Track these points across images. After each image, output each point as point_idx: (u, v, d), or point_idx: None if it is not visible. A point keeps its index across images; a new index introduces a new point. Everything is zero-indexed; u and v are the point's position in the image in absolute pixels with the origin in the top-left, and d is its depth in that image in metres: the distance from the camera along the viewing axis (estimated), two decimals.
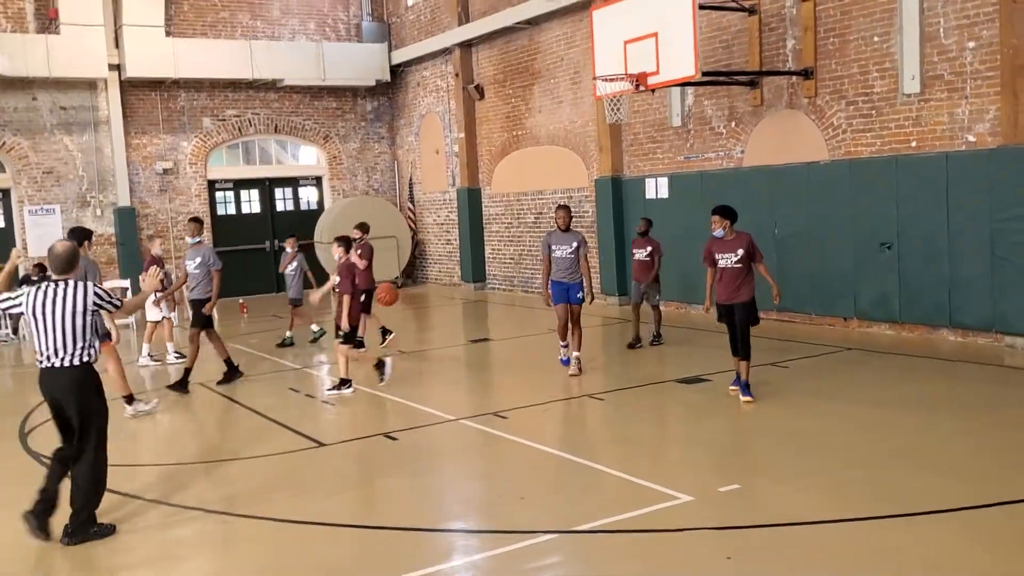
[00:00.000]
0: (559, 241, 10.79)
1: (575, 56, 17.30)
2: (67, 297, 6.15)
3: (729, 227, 9.23)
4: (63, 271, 6.28)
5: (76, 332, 6.14)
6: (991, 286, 10.99)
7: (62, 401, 6.19)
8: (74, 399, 6.15)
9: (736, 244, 9.13)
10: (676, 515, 6.16)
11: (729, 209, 9.32)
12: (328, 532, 6.24)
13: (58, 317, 6.11)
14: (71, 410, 6.17)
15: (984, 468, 6.77)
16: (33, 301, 6.18)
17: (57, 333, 6.12)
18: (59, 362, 6.15)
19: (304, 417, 9.76)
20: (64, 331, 6.12)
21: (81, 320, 6.16)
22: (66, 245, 6.45)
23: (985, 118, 11.00)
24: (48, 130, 19.89)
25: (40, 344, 6.19)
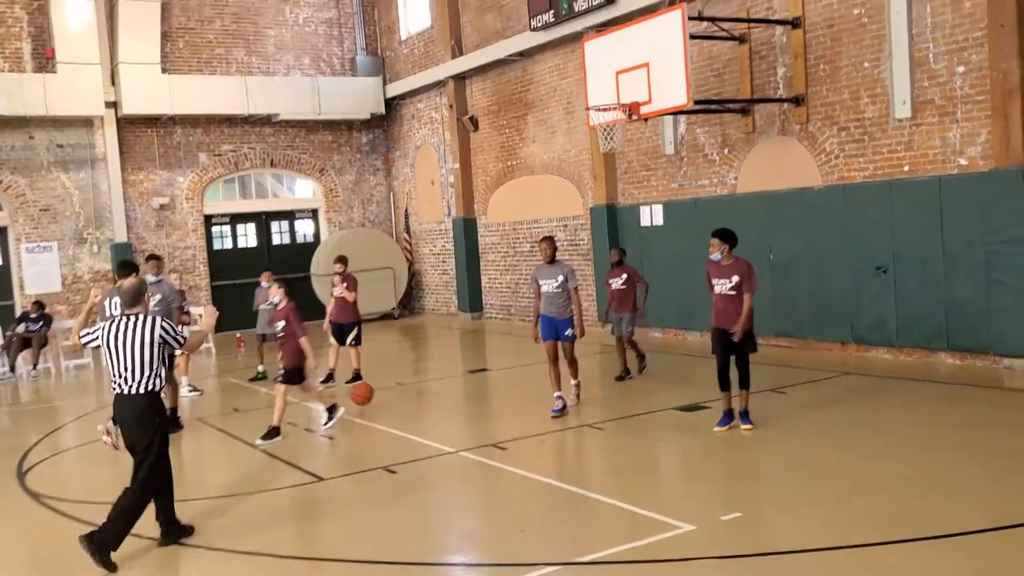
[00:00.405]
0: (545, 275, 10.28)
1: (568, 86, 17.42)
2: (137, 330, 6.60)
3: (728, 251, 9.09)
4: (131, 305, 6.77)
5: (144, 362, 6.57)
6: (987, 308, 11.02)
7: (128, 425, 6.67)
8: (136, 427, 6.62)
9: (732, 270, 9.02)
10: (679, 544, 6.13)
11: (728, 233, 9.16)
12: (330, 568, 6.21)
13: (128, 348, 6.56)
14: (133, 436, 6.65)
15: (987, 492, 6.76)
16: (107, 333, 6.66)
17: (126, 362, 6.57)
18: (128, 389, 6.60)
19: (302, 452, 9.72)
20: (133, 361, 6.55)
21: (149, 351, 6.58)
22: (132, 282, 7.08)
23: (977, 141, 11.08)
24: (45, 168, 19.95)
25: (113, 372, 6.64)
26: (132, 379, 6.57)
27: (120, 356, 6.57)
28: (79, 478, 9.36)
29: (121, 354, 6.56)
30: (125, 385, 6.59)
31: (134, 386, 6.58)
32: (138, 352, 6.55)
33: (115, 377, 6.62)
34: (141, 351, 6.55)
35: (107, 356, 6.66)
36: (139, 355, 6.55)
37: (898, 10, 11.64)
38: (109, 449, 8.20)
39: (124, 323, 6.65)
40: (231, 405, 12.48)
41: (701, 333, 15.02)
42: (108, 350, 6.62)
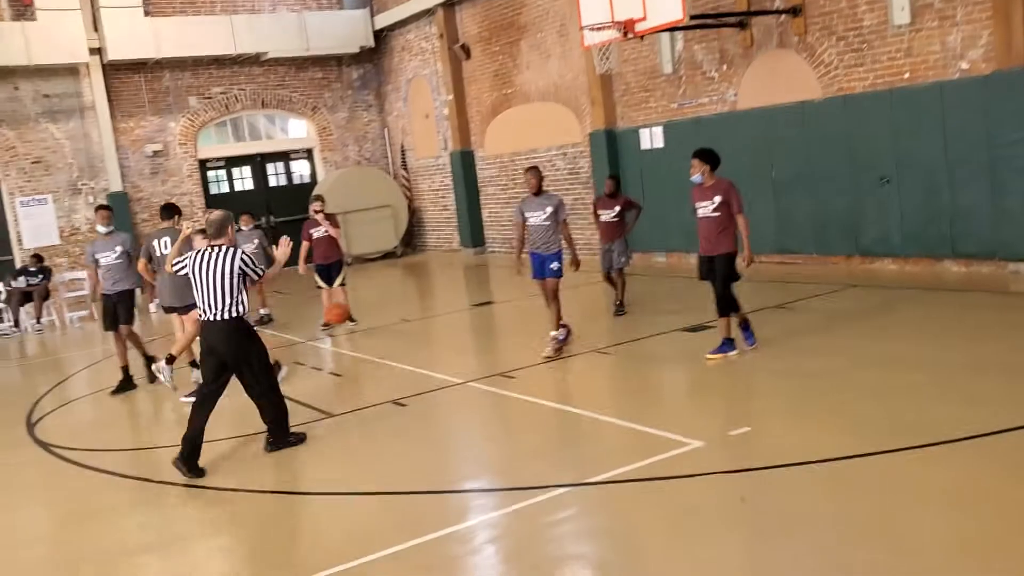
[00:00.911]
0: (531, 208, 9.61)
1: (560, 7, 17.05)
2: (219, 260, 7.09)
3: (708, 172, 8.59)
4: (216, 237, 7.27)
5: (226, 290, 7.07)
6: (992, 213, 10.90)
7: (217, 348, 7.14)
8: (227, 347, 7.12)
9: (713, 191, 8.56)
10: (688, 461, 6.13)
11: (708, 152, 8.67)
12: (342, 501, 6.23)
13: (211, 277, 7.06)
14: (227, 356, 7.16)
15: (998, 394, 6.72)
16: (194, 263, 7.19)
17: (210, 291, 7.08)
18: (213, 316, 7.09)
19: (311, 389, 9.73)
20: (217, 289, 7.06)
21: (230, 280, 7.07)
22: (220, 213, 7.44)
23: (978, 44, 10.83)
24: (33, 119, 19.68)
25: (200, 300, 7.18)
26: (216, 306, 7.08)
27: (204, 284, 7.09)
28: (87, 428, 9.38)
29: (205, 283, 7.08)
30: (210, 312, 7.10)
31: (218, 313, 7.08)
32: (219, 281, 7.04)
33: (202, 305, 7.15)
34: (222, 280, 7.04)
35: (194, 284, 7.20)
36: (221, 284, 7.04)
37: None
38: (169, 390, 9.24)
39: (209, 254, 7.14)
40: None
41: None
42: (194, 279, 7.17)
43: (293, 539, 5.72)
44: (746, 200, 13.73)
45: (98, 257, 10.39)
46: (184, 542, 5.94)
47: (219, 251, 7.16)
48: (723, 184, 8.57)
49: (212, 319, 7.11)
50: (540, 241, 9.62)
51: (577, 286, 10.90)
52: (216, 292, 7.06)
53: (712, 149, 8.80)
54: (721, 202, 8.48)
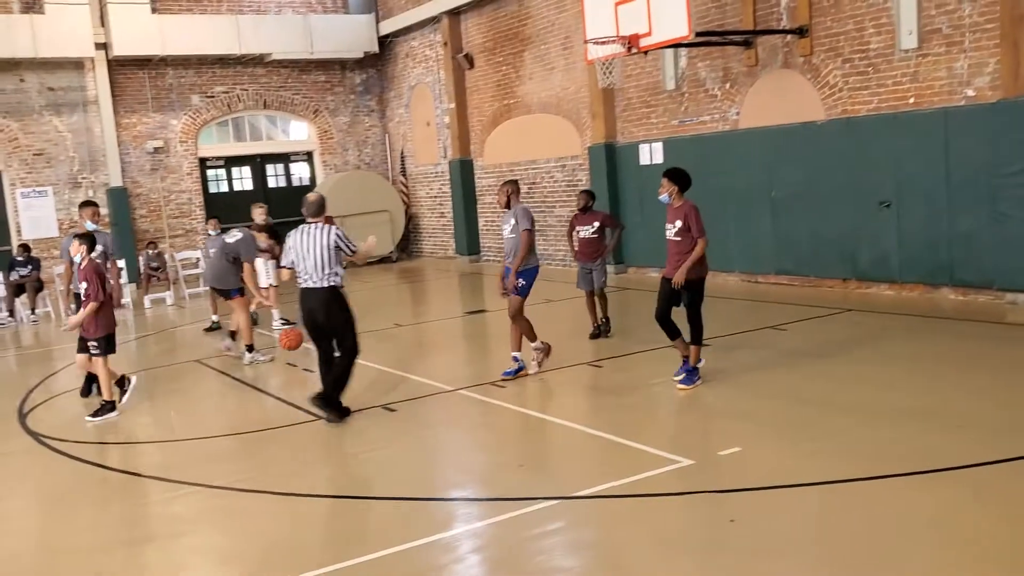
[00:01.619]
0: (503, 221, 9.33)
1: (565, 20, 17.07)
2: (317, 236, 8.01)
3: (677, 194, 8.32)
4: (315, 216, 8.17)
5: (323, 262, 7.96)
6: (992, 242, 10.87)
7: (315, 312, 8.02)
8: (322, 312, 8.00)
9: (676, 215, 8.29)
10: (677, 479, 6.08)
11: (678, 173, 8.43)
12: (328, 504, 6.18)
13: (310, 250, 7.95)
14: (321, 319, 8.03)
15: (993, 425, 6.68)
16: (295, 239, 8.10)
17: (309, 262, 7.96)
18: (311, 283, 7.99)
19: (303, 392, 9.66)
20: (315, 261, 7.95)
21: (327, 253, 7.96)
22: (317, 195, 8.38)
23: (985, 71, 10.83)
24: (37, 111, 19.67)
25: (300, 270, 8.05)
26: (313, 275, 7.96)
27: (304, 257, 7.98)
28: (78, 419, 9.31)
29: (305, 255, 7.97)
30: (309, 280, 7.99)
31: (316, 281, 7.95)
32: (318, 254, 7.93)
33: (302, 273, 8.04)
34: (321, 253, 7.93)
35: (296, 257, 8.06)
36: (319, 256, 7.93)
37: None
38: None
39: (308, 230, 8.08)
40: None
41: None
42: (296, 252, 8.05)
43: (278, 539, 5.66)
44: (744, 219, 13.87)
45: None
46: (168, 538, 5.90)
47: (317, 228, 8.07)
48: (685, 207, 8.30)
49: (311, 287, 7.99)
50: (508, 256, 9.25)
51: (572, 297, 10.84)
52: (315, 263, 7.94)
53: (683, 170, 8.53)
54: (682, 227, 8.25)
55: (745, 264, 14.10)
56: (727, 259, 14.35)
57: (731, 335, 10.52)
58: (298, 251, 8.09)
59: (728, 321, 11.40)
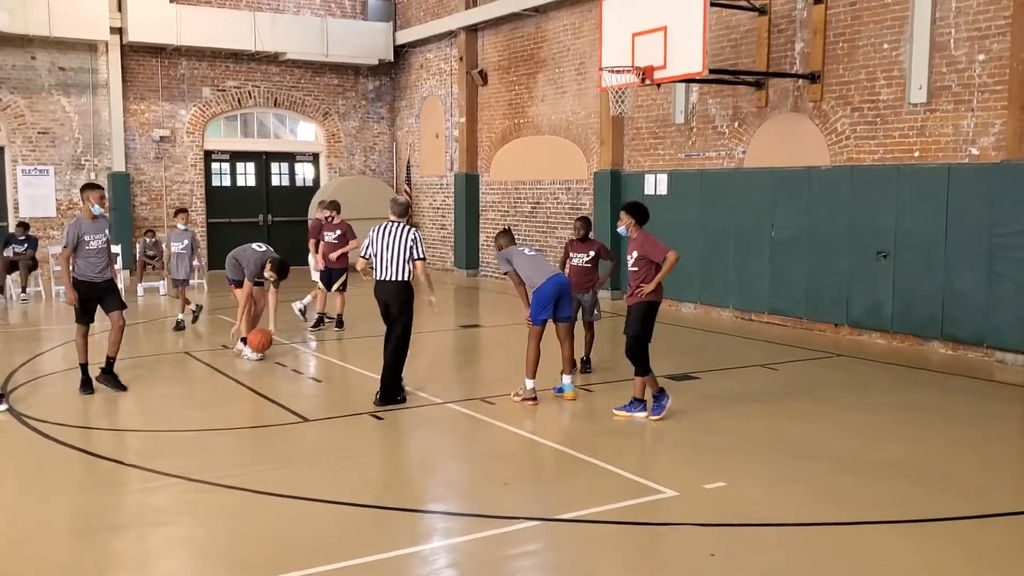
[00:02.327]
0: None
1: (581, 47, 17.20)
2: (398, 234, 8.78)
3: (634, 226, 8.43)
4: (400, 215, 8.97)
5: (400, 258, 8.72)
6: (986, 300, 10.95)
7: (388, 302, 8.78)
8: (396, 302, 8.75)
9: (635, 244, 8.40)
10: (660, 509, 6.10)
11: (636, 206, 8.53)
12: (308, 507, 6.16)
13: (390, 246, 8.72)
14: (393, 308, 8.76)
15: (975, 480, 6.73)
16: (377, 234, 8.84)
17: (387, 257, 8.70)
18: (387, 276, 8.73)
19: (290, 392, 9.68)
20: (392, 256, 8.70)
21: (404, 251, 8.73)
22: (405, 199, 9.51)
23: (990, 132, 10.95)
24: (46, 90, 19.69)
25: (378, 263, 8.79)
26: (390, 268, 8.71)
27: (383, 251, 8.73)
28: (61, 401, 9.30)
29: (384, 250, 8.72)
30: (385, 273, 8.74)
31: (391, 274, 8.71)
32: (396, 250, 8.69)
33: (380, 267, 8.77)
34: (399, 250, 8.70)
35: (375, 251, 8.80)
36: (397, 253, 8.69)
37: None
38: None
39: (390, 227, 8.82)
40: (220, 341, 12.41)
41: (695, 305, 14.97)
42: (376, 246, 8.78)
43: (255, 537, 5.65)
44: (743, 257, 13.94)
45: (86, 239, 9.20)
46: (143, 527, 5.88)
47: (399, 226, 8.83)
48: (639, 239, 8.40)
49: (386, 279, 8.73)
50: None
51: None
52: (392, 258, 8.70)
53: (641, 204, 8.64)
54: (638, 257, 8.32)
55: (740, 301, 14.18)
56: (723, 295, 14.45)
57: (723, 370, 10.56)
58: (378, 246, 8.83)
59: (720, 356, 11.45)
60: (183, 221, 13.85)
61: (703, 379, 10.05)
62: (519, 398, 8.94)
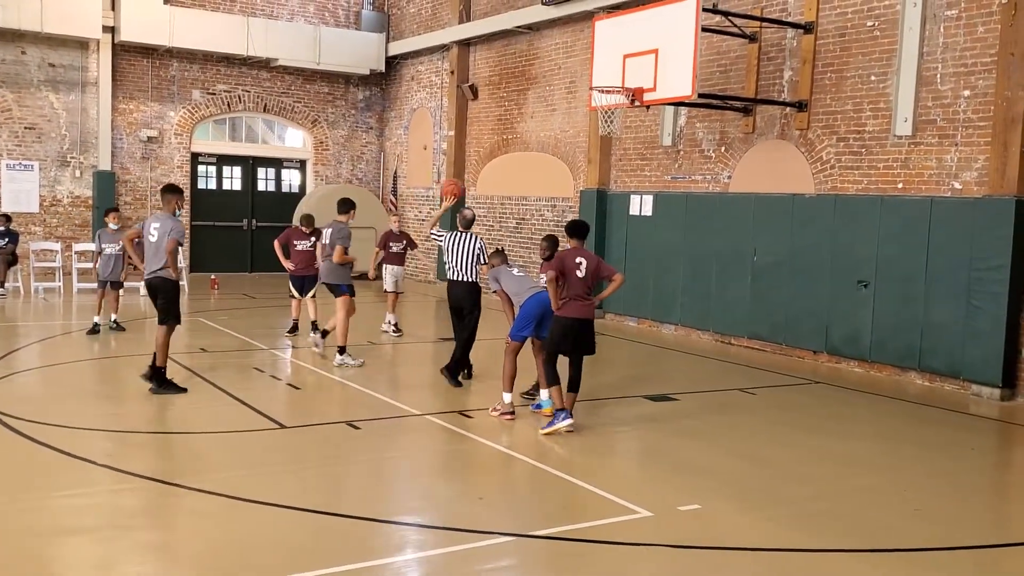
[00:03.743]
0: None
1: (573, 66, 17.29)
2: (467, 243, 10.28)
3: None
4: (467, 227, 10.46)
5: (470, 262, 10.22)
6: (963, 333, 11.05)
7: (461, 299, 10.29)
8: (467, 299, 10.28)
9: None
10: (634, 529, 6.10)
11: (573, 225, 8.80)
12: (281, 514, 6.13)
13: (462, 252, 10.22)
14: (466, 304, 10.29)
15: (948, 512, 6.77)
16: (450, 240, 10.29)
17: (459, 261, 10.20)
18: (459, 278, 10.21)
19: (267, 398, 9.63)
20: (464, 261, 10.19)
21: (473, 257, 10.20)
22: (472, 213, 10.72)
23: (973, 166, 11.08)
24: (35, 86, 19.61)
25: (452, 265, 10.26)
26: (461, 271, 10.18)
27: (456, 257, 10.21)
28: (35, 399, 9.23)
29: (458, 255, 10.20)
30: (457, 275, 10.21)
31: (463, 275, 10.19)
32: (467, 256, 10.17)
33: (453, 268, 10.24)
34: (469, 256, 10.18)
35: (449, 256, 10.29)
36: (467, 258, 10.18)
37: (911, 26, 11.60)
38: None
39: (460, 236, 10.33)
40: (199, 344, 12.35)
41: (675, 327, 15.02)
42: (449, 251, 10.29)
43: (223, 543, 5.61)
44: (725, 281, 14.03)
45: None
46: (113, 530, 5.83)
47: (468, 235, 10.34)
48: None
49: (459, 280, 10.19)
50: None
51: None
52: (464, 263, 10.16)
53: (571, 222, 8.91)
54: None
55: (721, 325, 14.24)
56: (704, 317, 14.50)
57: (701, 392, 10.60)
58: (452, 252, 10.26)
59: (699, 379, 11.49)
60: (115, 221, 13.36)
61: (681, 401, 10.08)
62: (497, 412, 8.94)
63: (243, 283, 19.84)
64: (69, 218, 20.18)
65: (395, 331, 13.79)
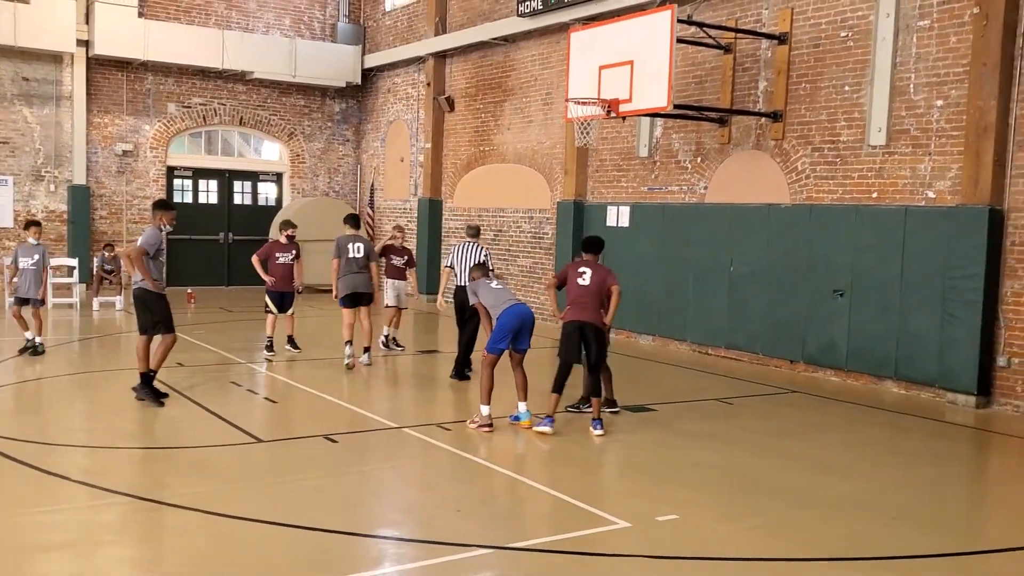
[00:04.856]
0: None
1: (549, 77, 17.34)
2: (474, 251, 11.43)
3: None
4: (474, 237, 11.84)
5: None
6: (938, 342, 11.13)
7: (465, 303, 10.70)
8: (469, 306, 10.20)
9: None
10: (612, 540, 6.10)
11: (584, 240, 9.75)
12: (258, 528, 6.08)
13: (468, 260, 11.20)
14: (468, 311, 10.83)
15: (925, 519, 6.80)
16: (458, 249, 11.60)
17: (465, 268, 11.00)
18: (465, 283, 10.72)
19: (243, 412, 9.57)
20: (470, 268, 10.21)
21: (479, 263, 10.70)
22: (477, 223, 12.99)
23: (947, 176, 11.18)
24: (8, 100, 19.44)
25: (458, 272, 11.36)
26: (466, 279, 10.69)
27: (462, 264, 11.27)
28: (9, 415, 9.12)
29: (463, 263, 11.27)
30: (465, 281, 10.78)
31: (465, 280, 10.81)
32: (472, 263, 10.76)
33: (460, 275, 11.25)
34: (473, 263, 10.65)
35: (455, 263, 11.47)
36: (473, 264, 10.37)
37: (884, 36, 11.72)
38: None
39: (468, 245, 11.53)
40: (176, 359, 12.21)
41: (653, 338, 15.05)
42: (457, 260, 11.45)
43: (201, 558, 5.55)
44: (702, 291, 14.08)
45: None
46: (89, 546, 5.76)
47: (474, 244, 11.53)
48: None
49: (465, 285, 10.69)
50: None
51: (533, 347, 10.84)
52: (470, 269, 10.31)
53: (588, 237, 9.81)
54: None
55: (698, 335, 14.28)
56: (682, 328, 14.54)
57: (679, 402, 10.61)
58: (459, 260, 11.34)
59: (677, 389, 11.51)
60: (35, 235, 12.69)
61: (659, 411, 10.09)
62: (475, 425, 8.92)
63: (220, 297, 19.71)
64: (44, 233, 19.89)
65: (395, 346, 13.71)
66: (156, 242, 9.60)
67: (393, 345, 13.67)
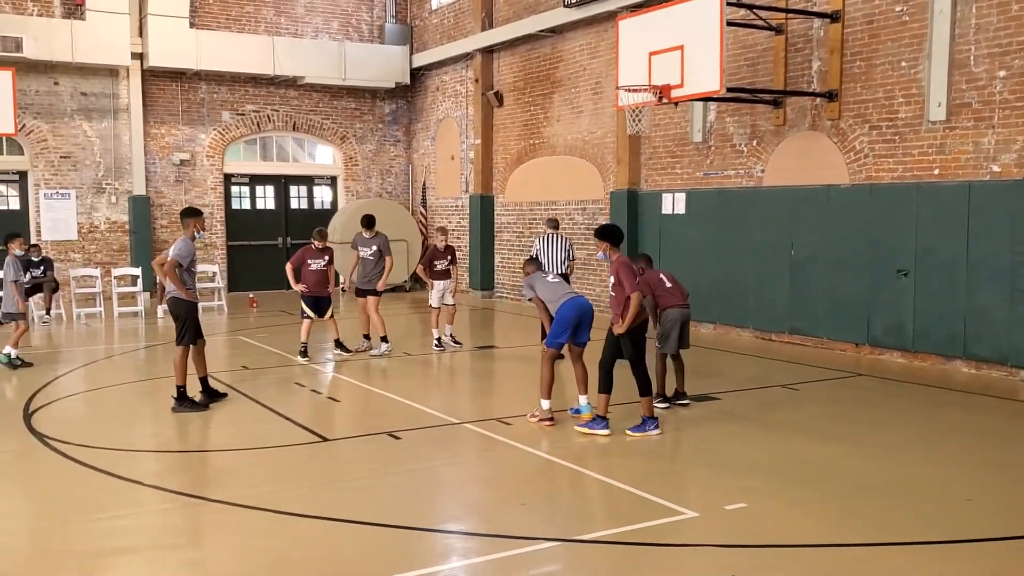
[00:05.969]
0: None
1: (597, 66, 17.24)
2: (558, 242, 12.20)
3: (610, 248, 8.62)
4: (555, 228, 12.52)
5: (560, 260, 12.09)
6: (1008, 319, 10.84)
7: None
8: None
9: (612, 268, 8.55)
10: (680, 530, 6.04)
11: (604, 229, 8.72)
12: (327, 526, 6.14)
13: (554, 251, 12.10)
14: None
15: (998, 502, 6.62)
16: (542, 242, 12.23)
17: (553, 258, 12.00)
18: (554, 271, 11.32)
19: (309, 412, 9.68)
20: (556, 258, 12.03)
21: (564, 253, 12.16)
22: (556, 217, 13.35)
23: (1012, 148, 10.87)
24: (68, 115, 19.91)
25: (545, 262, 11.60)
26: (556, 268, 11.71)
27: (547, 256, 11.94)
28: (82, 423, 9.33)
29: (550, 254, 12.00)
30: (552, 270, 11.33)
31: (556, 269, 11.68)
32: (559, 254, 12.09)
33: (546, 266, 11.35)
34: (560, 253, 12.06)
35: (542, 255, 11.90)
36: (559, 256, 12.07)
37: (942, 9, 11.42)
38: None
39: (551, 237, 12.23)
40: (240, 362, 12.43)
41: (715, 326, 14.89)
42: (543, 252, 11.99)
43: (273, 559, 5.62)
44: (762, 276, 13.88)
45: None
46: (162, 550, 5.86)
47: (557, 236, 12.28)
48: (616, 263, 8.50)
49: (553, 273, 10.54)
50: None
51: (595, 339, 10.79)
52: (556, 260, 11.93)
53: (611, 226, 8.82)
54: (614, 282, 8.46)
55: (760, 321, 14.09)
56: (742, 315, 14.37)
57: (743, 390, 10.49)
58: (544, 251, 11.99)
59: (741, 377, 11.37)
60: (20, 247, 12.67)
61: (723, 400, 9.97)
62: (535, 419, 8.90)
63: (280, 300, 19.96)
64: (107, 244, 20.44)
65: (454, 343, 13.68)
66: (189, 253, 9.46)
67: (451, 342, 13.68)
